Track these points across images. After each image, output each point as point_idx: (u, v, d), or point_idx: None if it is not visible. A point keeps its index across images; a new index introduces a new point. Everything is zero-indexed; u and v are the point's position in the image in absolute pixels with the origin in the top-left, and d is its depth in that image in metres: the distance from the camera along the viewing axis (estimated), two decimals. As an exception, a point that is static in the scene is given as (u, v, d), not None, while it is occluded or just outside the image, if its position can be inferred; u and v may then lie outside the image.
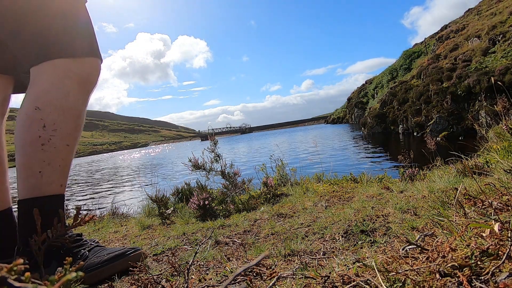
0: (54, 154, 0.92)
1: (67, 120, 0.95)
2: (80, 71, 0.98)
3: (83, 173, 18.32)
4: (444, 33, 21.13)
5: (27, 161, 0.90)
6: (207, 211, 1.77)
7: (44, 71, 0.93)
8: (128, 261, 0.97)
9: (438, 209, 1.04)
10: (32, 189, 0.90)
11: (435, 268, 0.56)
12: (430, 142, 2.14)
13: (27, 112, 0.91)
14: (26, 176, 0.90)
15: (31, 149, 0.90)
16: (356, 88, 38.97)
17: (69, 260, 0.28)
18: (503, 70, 10.20)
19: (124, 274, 0.95)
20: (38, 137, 0.90)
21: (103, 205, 5.14)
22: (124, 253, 0.99)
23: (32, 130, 0.90)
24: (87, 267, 0.95)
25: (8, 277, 0.22)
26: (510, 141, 1.63)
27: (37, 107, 0.90)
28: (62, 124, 0.94)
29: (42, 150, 0.90)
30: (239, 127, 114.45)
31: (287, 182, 2.42)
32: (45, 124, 0.91)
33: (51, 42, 0.94)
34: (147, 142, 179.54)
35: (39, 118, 0.90)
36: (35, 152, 0.90)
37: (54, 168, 0.93)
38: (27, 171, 0.90)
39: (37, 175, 0.90)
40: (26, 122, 0.91)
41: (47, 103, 0.92)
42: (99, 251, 1.01)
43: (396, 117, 15.67)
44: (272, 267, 0.81)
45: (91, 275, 0.92)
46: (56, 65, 0.94)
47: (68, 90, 0.96)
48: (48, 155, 0.91)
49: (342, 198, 1.68)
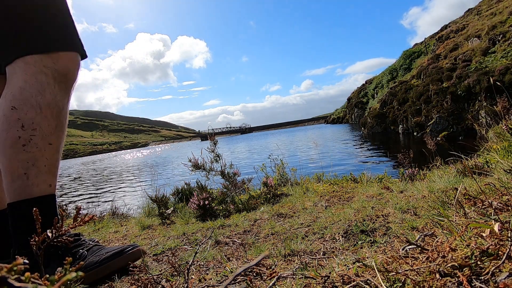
0: (37, 154, 0.90)
1: (47, 118, 0.92)
2: (56, 66, 0.94)
3: (83, 173, 18.32)
4: (444, 33, 21.13)
5: (10, 164, 0.87)
6: (207, 211, 1.77)
7: (17, 69, 0.90)
8: (127, 258, 0.96)
9: (438, 209, 1.04)
10: (19, 192, 0.88)
11: (435, 268, 0.56)
12: (430, 142, 2.14)
13: (4, 112, 0.88)
14: (11, 179, 0.87)
15: (12, 151, 0.87)
16: (356, 88, 38.97)
17: (69, 260, 0.28)
18: (503, 70, 10.20)
19: (124, 273, 0.95)
20: (18, 138, 0.87)
21: (103, 205, 5.14)
22: (123, 251, 0.98)
23: (11, 131, 0.87)
24: (86, 267, 0.93)
25: (8, 277, 0.22)
26: (510, 141, 1.63)
27: (13, 107, 0.87)
28: (41, 122, 0.91)
29: (24, 151, 0.87)
30: (239, 127, 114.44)
31: (287, 182, 2.42)
32: (23, 124, 0.88)
33: (22, 38, 0.91)
34: (147, 142, 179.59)
35: (16, 118, 0.87)
36: (17, 153, 0.87)
37: (40, 168, 0.90)
38: (11, 173, 0.87)
39: (23, 177, 0.88)
40: (4, 123, 0.88)
41: (22, 101, 0.88)
42: (98, 250, 0.99)
43: (396, 117, 15.67)
44: (272, 267, 0.81)
45: (90, 274, 0.91)
46: (28, 62, 0.91)
47: (44, 86, 0.92)
48: (31, 156, 0.89)
49: (342, 198, 1.68)
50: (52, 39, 0.94)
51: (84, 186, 11.01)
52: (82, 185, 11.42)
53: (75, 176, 16.84)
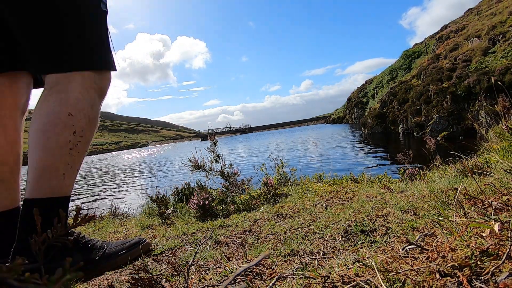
0: (77, 158, 1.00)
1: (91, 128, 1.04)
2: (101, 84, 1.06)
3: (84, 173, 18.32)
4: (444, 33, 21.13)
5: (53, 163, 0.94)
6: (207, 211, 1.77)
7: (73, 79, 0.99)
8: (143, 249, 1.15)
9: (438, 209, 1.04)
10: (54, 190, 0.95)
11: (435, 268, 0.56)
12: (430, 142, 2.14)
13: (60, 116, 0.96)
14: (49, 177, 0.94)
15: (59, 152, 0.95)
16: (356, 88, 38.98)
17: (69, 260, 0.28)
18: (503, 70, 10.20)
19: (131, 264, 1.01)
20: (68, 142, 0.96)
21: (103, 205, 5.14)
22: (139, 242, 1.16)
23: (64, 134, 0.96)
24: (111, 255, 1.08)
25: (8, 277, 0.22)
26: (510, 141, 1.63)
27: (70, 113, 0.97)
28: (87, 131, 1.02)
29: (69, 154, 0.97)
30: (239, 127, 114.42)
31: (287, 182, 2.42)
32: (76, 130, 0.98)
33: (81, 54, 1.00)
34: (147, 142, 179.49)
35: (71, 124, 0.97)
36: (63, 155, 0.96)
37: (73, 171, 1.00)
38: (51, 172, 0.94)
39: (61, 177, 0.96)
40: (58, 125, 0.95)
41: (78, 111, 0.98)
42: (109, 244, 1.13)
43: (396, 117, 15.67)
44: (272, 267, 0.81)
45: (111, 263, 1.06)
46: (85, 77, 1.00)
47: (94, 101, 1.04)
48: (73, 159, 0.98)
49: (342, 198, 1.68)
50: (103, 59, 1.06)
51: (84, 186, 11.01)
52: (82, 185, 11.42)
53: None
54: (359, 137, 16.46)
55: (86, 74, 1.00)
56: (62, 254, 0.97)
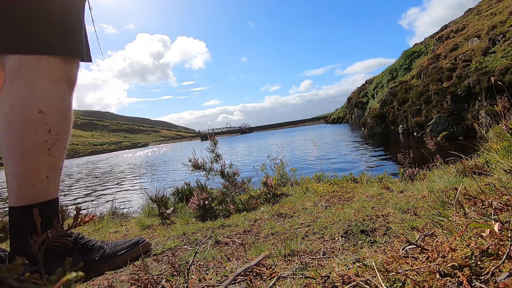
0: (57, 158, 0.91)
1: (66, 123, 0.94)
2: (70, 73, 0.95)
3: (84, 173, 18.32)
4: (444, 33, 21.12)
5: (33, 167, 0.86)
6: (207, 211, 1.77)
7: (39, 67, 0.87)
8: (143, 248, 1.14)
9: (438, 209, 1.03)
10: (39, 195, 0.88)
11: (435, 268, 0.56)
12: (430, 142, 2.14)
13: (31, 115, 0.85)
14: (31, 182, 0.87)
15: (38, 155, 0.87)
16: (356, 88, 38.99)
17: (69, 260, 0.28)
18: (503, 70, 10.19)
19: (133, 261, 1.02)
20: (44, 142, 0.87)
21: (103, 205, 5.14)
22: (138, 242, 1.14)
23: (39, 135, 0.86)
24: (111, 255, 1.06)
25: (8, 277, 0.22)
26: (510, 141, 1.63)
27: (40, 110, 0.86)
28: (62, 128, 0.92)
29: (48, 155, 0.88)
30: (239, 127, 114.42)
31: (287, 182, 2.42)
32: (51, 128, 0.88)
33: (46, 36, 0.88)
34: (147, 142, 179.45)
35: (44, 122, 0.87)
36: (42, 157, 0.87)
37: (57, 171, 0.92)
38: (32, 177, 0.87)
39: (44, 181, 0.89)
40: (30, 125, 0.86)
41: (50, 106, 0.89)
42: (109, 244, 1.11)
43: (396, 117, 15.66)
44: (272, 267, 0.81)
45: (111, 263, 1.04)
46: (52, 65, 0.89)
47: (66, 94, 0.94)
48: (53, 160, 0.90)
49: (342, 198, 1.67)
50: (73, 46, 0.95)
51: (84, 186, 11.01)
52: (83, 185, 11.42)
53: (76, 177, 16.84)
54: (359, 137, 16.45)
55: (54, 62, 0.89)
56: (61, 255, 0.93)
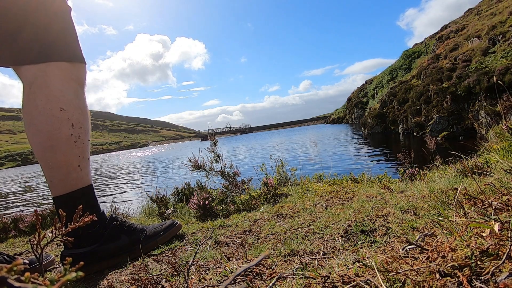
0: (84, 149, 1.04)
1: (85, 118, 1.06)
2: (78, 75, 1.07)
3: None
4: (444, 33, 21.11)
5: (65, 158, 0.99)
6: (207, 211, 1.77)
7: (51, 72, 0.99)
8: (178, 229, 1.32)
9: (438, 209, 1.03)
10: (76, 182, 1.01)
11: (435, 268, 0.56)
12: (430, 142, 2.13)
13: (54, 113, 0.97)
14: (67, 171, 0.99)
15: (67, 147, 0.99)
16: (355, 88, 39.00)
17: (69, 260, 0.28)
18: (503, 70, 10.19)
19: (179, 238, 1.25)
20: (70, 135, 1.00)
21: (103, 205, 5.13)
22: (173, 224, 1.31)
23: (64, 130, 0.99)
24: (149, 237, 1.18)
25: (8, 277, 0.22)
26: (510, 141, 1.63)
27: (61, 108, 0.99)
28: (84, 122, 1.05)
29: (76, 146, 1.01)
30: (239, 127, 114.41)
31: (287, 182, 2.42)
32: (73, 123, 1.01)
33: (55, 47, 1.00)
34: (147, 142, 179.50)
35: (67, 118, 0.99)
36: (71, 149, 1.00)
37: (86, 160, 1.05)
38: (68, 167, 0.99)
39: (77, 169, 1.01)
40: (55, 122, 0.98)
41: (68, 103, 1.00)
42: (148, 227, 1.24)
43: (396, 117, 15.66)
44: (272, 267, 0.81)
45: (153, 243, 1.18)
46: (62, 68, 1.01)
47: (78, 91, 1.05)
48: (81, 151, 1.03)
49: (342, 198, 1.67)
50: (76, 52, 1.07)
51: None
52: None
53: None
54: (359, 137, 16.45)
55: (63, 66, 1.01)
56: (113, 235, 1.07)
